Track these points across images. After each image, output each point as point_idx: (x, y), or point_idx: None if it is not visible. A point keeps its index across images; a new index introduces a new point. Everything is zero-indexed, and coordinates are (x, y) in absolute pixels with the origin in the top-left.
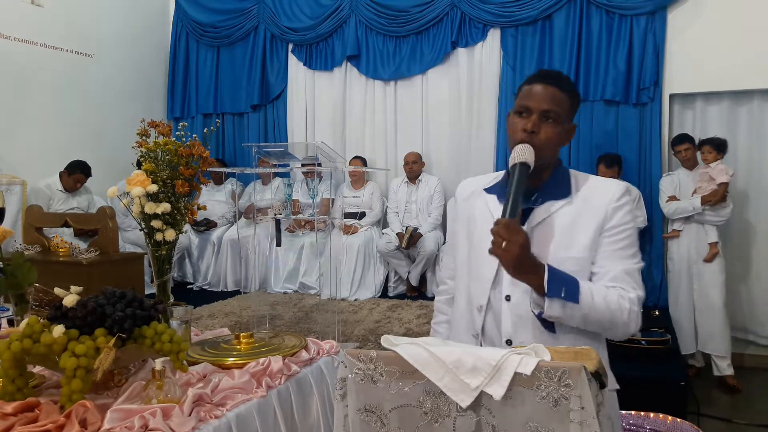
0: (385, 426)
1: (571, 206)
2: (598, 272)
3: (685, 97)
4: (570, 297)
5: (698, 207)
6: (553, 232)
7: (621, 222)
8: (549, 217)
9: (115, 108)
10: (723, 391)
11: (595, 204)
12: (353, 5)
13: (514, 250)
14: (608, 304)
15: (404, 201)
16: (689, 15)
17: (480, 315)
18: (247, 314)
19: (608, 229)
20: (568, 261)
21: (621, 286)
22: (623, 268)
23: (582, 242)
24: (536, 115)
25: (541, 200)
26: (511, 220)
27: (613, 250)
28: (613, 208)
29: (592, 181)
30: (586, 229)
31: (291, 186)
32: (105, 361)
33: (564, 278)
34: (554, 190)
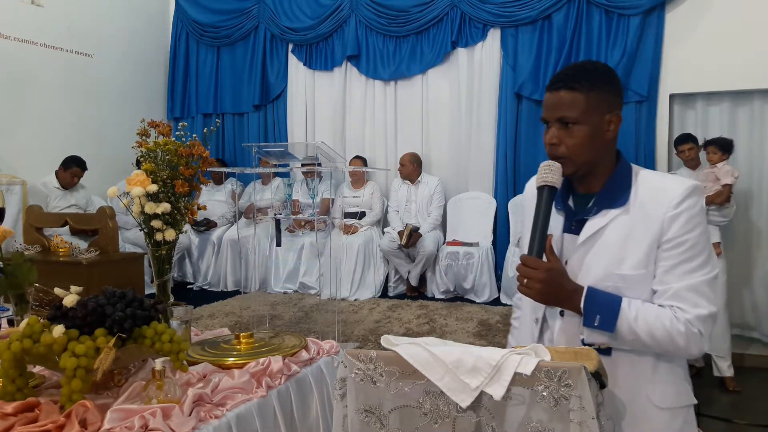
0: (385, 427)
1: (627, 216)
2: (658, 290)
3: (685, 97)
4: (604, 326)
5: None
6: (605, 245)
7: (680, 232)
8: (602, 228)
9: (115, 108)
10: (723, 391)
11: (652, 212)
12: (353, 5)
13: (535, 287)
14: (656, 329)
15: (404, 200)
16: (689, 15)
17: (537, 326)
18: (247, 314)
19: (666, 242)
20: (618, 278)
21: (678, 306)
22: (683, 285)
23: (634, 258)
24: (553, 127)
25: (596, 209)
26: (529, 258)
27: (672, 264)
28: (670, 217)
29: (655, 182)
30: (641, 242)
31: (291, 186)
32: (105, 361)
33: (602, 303)
34: (611, 196)
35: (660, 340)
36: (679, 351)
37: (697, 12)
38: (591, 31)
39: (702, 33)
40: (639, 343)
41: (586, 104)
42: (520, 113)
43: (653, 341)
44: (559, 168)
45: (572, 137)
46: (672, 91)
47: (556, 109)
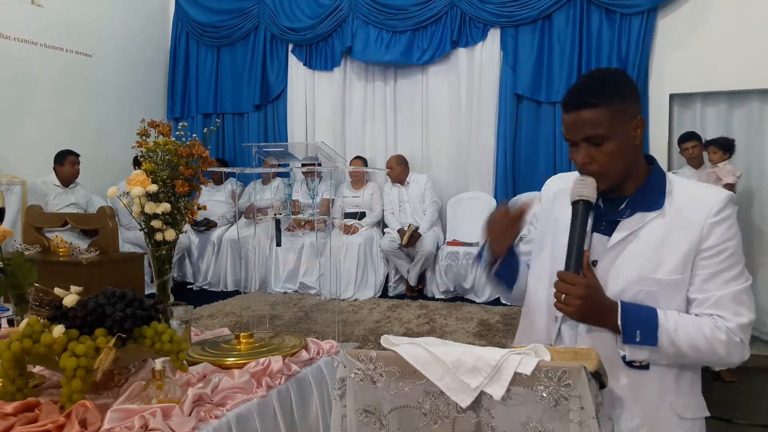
0: (384, 427)
1: (663, 219)
2: (696, 298)
3: (684, 97)
4: (646, 340)
5: None
6: (639, 248)
7: (721, 240)
8: (637, 230)
9: (115, 108)
10: (723, 391)
11: (690, 219)
12: (353, 5)
13: (575, 303)
14: (697, 340)
15: (397, 202)
16: (688, 15)
17: (556, 325)
18: (247, 314)
19: (705, 249)
20: (652, 282)
21: (719, 314)
22: (725, 293)
23: (672, 263)
24: (582, 146)
25: (629, 211)
26: (568, 274)
27: (712, 273)
28: (711, 224)
29: (690, 188)
30: (678, 247)
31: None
32: (105, 361)
33: (640, 317)
34: (646, 200)
35: (701, 351)
36: (720, 360)
37: (696, 12)
38: (591, 31)
39: (701, 33)
40: (680, 356)
41: (610, 118)
42: (520, 113)
43: (694, 352)
44: (593, 182)
45: (603, 154)
46: (671, 91)
47: (581, 129)
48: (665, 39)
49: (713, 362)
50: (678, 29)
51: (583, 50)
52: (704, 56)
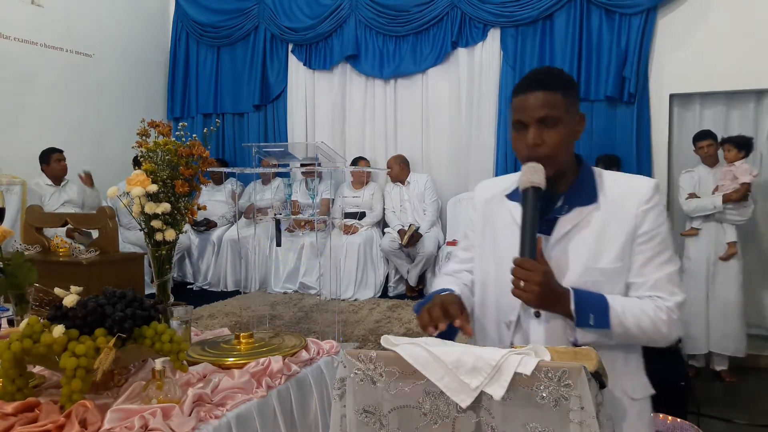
0: (384, 427)
1: (599, 211)
2: (635, 282)
3: (684, 97)
4: (599, 323)
5: (719, 206)
6: (581, 242)
7: (654, 225)
8: (576, 226)
9: (115, 108)
10: (723, 390)
11: (624, 208)
12: (353, 5)
13: (534, 289)
14: (643, 320)
15: (398, 202)
16: (689, 15)
17: (509, 331)
18: (247, 314)
19: (641, 235)
20: (597, 272)
21: (658, 295)
22: (661, 275)
23: (612, 252)
24: (533, 127)
25: (567, 207)
26: (525, 260)
27: (648, 257)
28: (644, 212)
29: (620, 180)
30: (617, 236)
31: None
32: (105, 361)
33: (591, 302)
34: (581, 195)
35: (646, 330)
36: (663, 338)
37: (696, 12)
38: (591, 31)
39: (701, 33)
40: (627, 336)
41: (565, 104)
42: None
43: (640, 332)
44: (542, 168)
45: (553, 137)
46: (671, 91)
47: (539, 109)
48: (665, 39)
49: (656, 340)
50: (678, 29)
51: (583, 50)
52: (704, 56)
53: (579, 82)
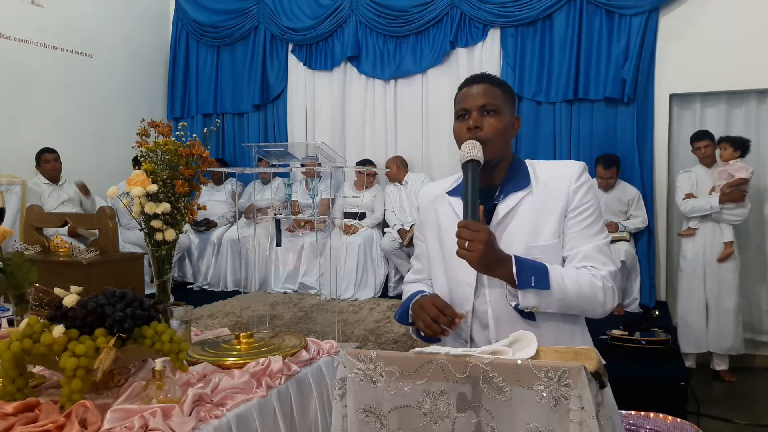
0: (385, 426)
1: (533, 195)
2: (568, 255)
3: (684, 97)
4: (540, 285)
5: (716, 206)
6: (519, 223)
7: (582, 202)
8: (513, 209)
9: (115, 108)
10: (723, 390)
11: (555, 189)
12: (353, 5)
13: (478, 248)
14: (581, 286)
15: (397, 202)
16: (688, 15)
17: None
18: (247, 314)
19: (571, 211)
20: (537, 249)
21: (591, 265)
22: (591, 246)
23: (548, 230)
24: (476, 112)
25: (503, 195)
26: (470, 221)
27: (578, 230)
28: (573, 190)
29: (549, 166)
30: (551, 215)
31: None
32: (105, 361)
33: (532, 267)
34: (514, 183)
35: (585, 296)
36: (600, 306)
37: (695, 13)
38: (591, 31)
39: (701, 33)
40: (567, 303)
41: (503, 99)
42: (520, 113)
43: (579, 297)
44: (480, 145)
45: (492, 124)
46: (671, 91)
47: (481, 98)
48: (665, 39)
49: (594, 309)
50: (678, 29)
51: (583, 50)
52: (704, 56)
53: (578, 82)
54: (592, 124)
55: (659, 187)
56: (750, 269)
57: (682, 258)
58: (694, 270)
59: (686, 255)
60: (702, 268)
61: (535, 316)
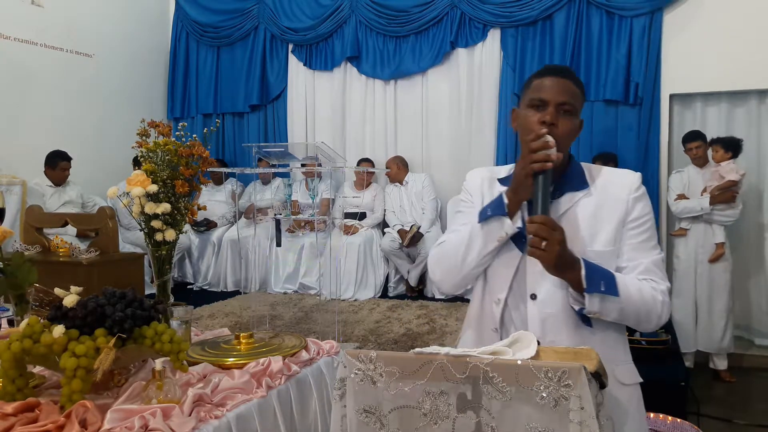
0: (384, 427)
1: (590, 197)
2: (627, 265)
3: (684, 97)
4: (610, 290)
5: (706, 207)
6: (574, 225)
7: (643, 213)
8: (570, 209)
9: (115, 108)
10: (723, 390)
11: (615, 195)
12: (353, 5)
13: (555, 249)
14: (643, 297)
15: (398, 202)
16: (688, 15)
17: (498, 308)
18: (247, 314)
19: (631, 221)
20: (592, 254)
21: (651, 278)
22: (651, 260)
23: (605, 236)
24: (553, 108)
25: (559, 193)
26: (547, 218)
27: (638, 242)
28: (634, 199)
29: (607, 171)
30: (609, 221)
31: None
32: (105, 361)
33: (601, 272)
34: (571, 182)
35: (646, 308)
36: (657, 319)
37: (696, 13)
38: (591, 32)
39: (701, 34)
40: (626, 312)
41: (580, 102)
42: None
43: (640, 309)
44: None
45: (564, 125)
46: (672, 92)
47: (562, 94)
48: (665, 39)
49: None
50: (678, 30)
51: (583, 50)
52: (704, 56)
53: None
54: (592, 125)
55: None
56: (746, 269)
57: (676, 258)
58: (687, 270)
59: (679, 255)
60: (694, 269)
61: (592, 322)
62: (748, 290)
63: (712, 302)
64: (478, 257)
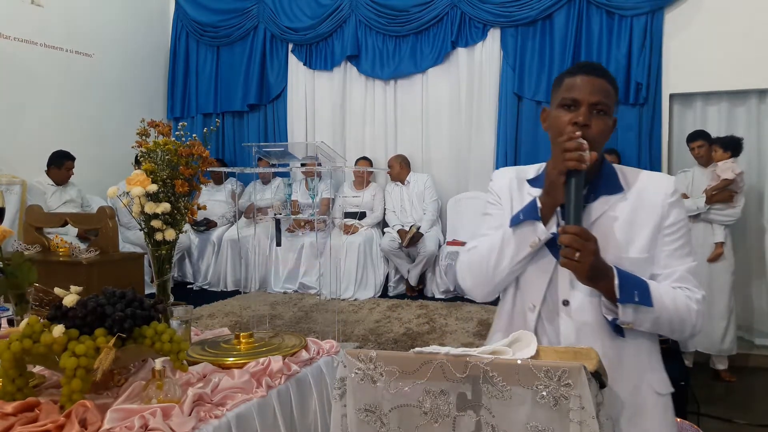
0: (385, 425)
1: (625, 202)
2: (662, 273)
3: (684, 97)
4: (644, 301)
5: (702, 207)
6: (609, 230)
7: (678, 219)
8: (604, 213)
9: (115, 108)
10: (723, 390)
11: (650, 200)
12: (353, 5)
13: (589, 260)
14: (677, 306)
15: (399, 201)
16: (688, 15)
17: (533, 314)
18: (247, 314)
19: (667, 227)
20: (627, 261)
21: (686, 287)
22: (686, 268)
23: (640, 242)
24: (586, 108)
25: (593, 196)
26: (580, 228)
27: (673, 249)
28: (669, 204)
29: (642, 175)
30: (644, 227)
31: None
32: (105, 361)
33: (634, 281)
34: (606, 185)
35: (680, 317)
36: (692, 328)
37: (696, 13)
38: (591, 31)
39: (701, 34)
40: (660, 322)
41: (613, 100)
42: (520, 113)
43: (674, 319)
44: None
45: (599, 125)
46: (672, 91)
47: (595, 93)
48: (665, 39)
49: (683, 331)
50: (678, 30)
51: (583, 50)
52: (704, 56)
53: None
54: None
55: None
56: (747, 269)
57: None
58: None
59: None
60: None
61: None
62: (750, 290)
63: (712, 303)
64: (511, 264)
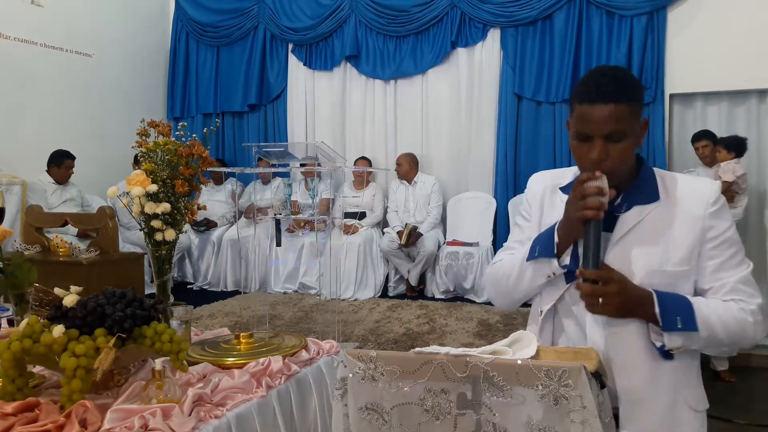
0: (387, 423)
1: (662, 210)
2: (712, 287)
3: (685, 97)
4: (688, 326)
5: None
6: (643, 243)
7: (723, 229)
8: (639, 223)
9: (115, 108)
10: (723, 390)
11: (690, 209)
12: (353, 5)
13: (614, 302)
14: (728, 322)
15: (403, 200)
16: (689, 15)
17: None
18: (247, 314)
19: (711, 239)
20: (663, 275)
21: (740, 298)
22: (738, 278)
23: (679, 254)
24: (599, 141)
25: (626, 206)
26: (598, 273)
27: (722, 261)
28: (711, 214)
29: (682, 181)
30: (683, 238)
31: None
32: (105, 361)
33: (676, 304)
34: (641, 193)
35: (733, 332)
36: (748, 341)
37: (696, 13)
38: (591, 31)
39: (701, 34)
40: (712, 340)
41: (630, 116)
42: (520, 113)
43: (726, 334)
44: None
45: (618, 151)
46: (672, 91)
47: (608, 123)
48: (665, 39)
49: (741, 343)
50: (678, 29)
51: (583, 50)
52: (704, 56)
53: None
54: None
55: None
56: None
57: None
58: None
59: None
60: None
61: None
62: None
63: None
64: (528, 288)
